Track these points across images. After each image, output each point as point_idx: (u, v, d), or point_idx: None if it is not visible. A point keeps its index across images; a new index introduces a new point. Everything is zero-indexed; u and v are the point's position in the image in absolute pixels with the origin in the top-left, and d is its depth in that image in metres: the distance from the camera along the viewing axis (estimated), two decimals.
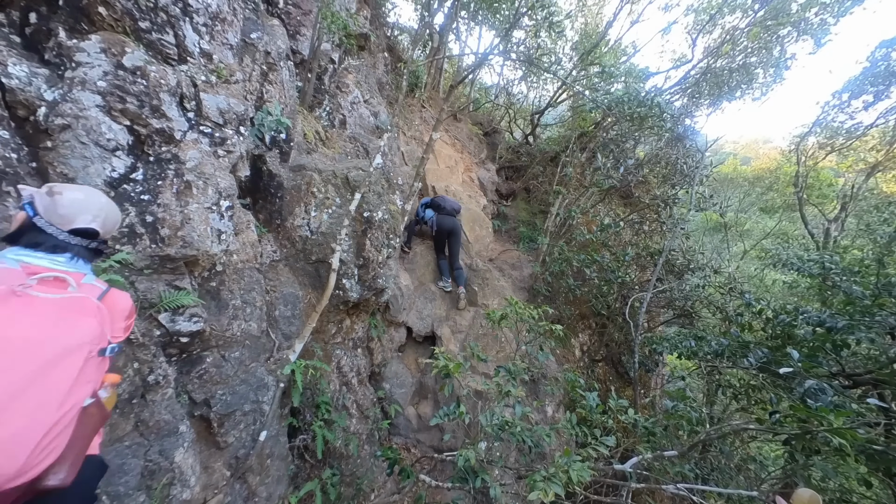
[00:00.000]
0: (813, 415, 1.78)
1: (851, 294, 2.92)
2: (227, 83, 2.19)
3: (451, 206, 4.67)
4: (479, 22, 8.14)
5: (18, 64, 1.56)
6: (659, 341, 4.26)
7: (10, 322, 0.84)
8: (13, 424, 0.77)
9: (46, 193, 1.03)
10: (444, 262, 4.66)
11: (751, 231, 12.48)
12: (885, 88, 7.63)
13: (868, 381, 2.78)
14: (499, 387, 2.33)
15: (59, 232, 1.02)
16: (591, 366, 5.72)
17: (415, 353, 4.16)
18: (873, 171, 8.98)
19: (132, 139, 1.79)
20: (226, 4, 2.20)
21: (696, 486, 2.08)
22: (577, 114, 7.96)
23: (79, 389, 0.91)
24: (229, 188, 2.11)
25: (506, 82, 9.96)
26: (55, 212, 1.03)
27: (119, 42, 1.73)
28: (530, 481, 1.68)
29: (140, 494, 1.64)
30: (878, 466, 1.88)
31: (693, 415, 2.57)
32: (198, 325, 1.96)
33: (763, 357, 2.80)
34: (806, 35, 6.72)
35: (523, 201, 7.66)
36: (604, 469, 2.34)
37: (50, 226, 1.02)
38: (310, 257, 2.89)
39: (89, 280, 1.06)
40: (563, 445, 3.45)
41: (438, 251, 4.74)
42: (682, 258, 5.71)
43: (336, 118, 4.04)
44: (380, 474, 3.09)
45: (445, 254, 4.68)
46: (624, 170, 6.15)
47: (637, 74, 7.52)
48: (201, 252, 1.92)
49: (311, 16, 3.54)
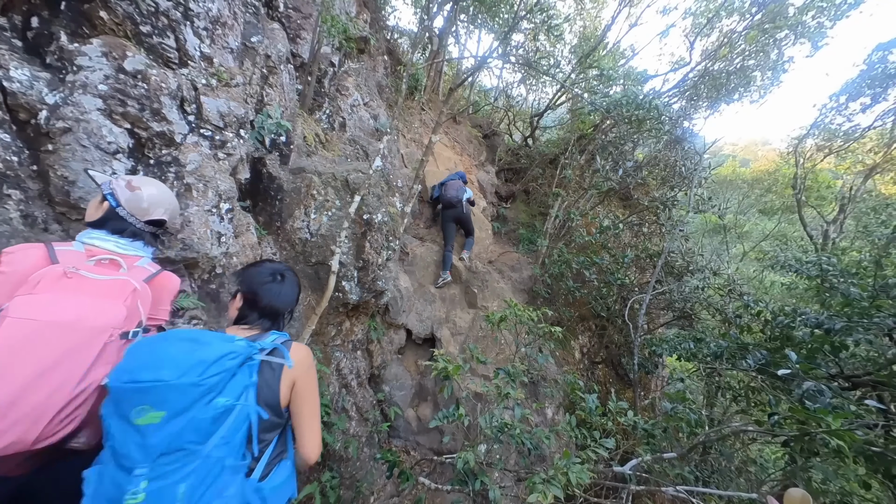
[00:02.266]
0: (812, 416, 1.78)
1: (849, 296, 2.92)
2: (227, 86, 2.20)
3: (451, 197, 4.76)
4: (478, 25, 8.17)
5: (20, 68, 1.57)
6: (658, 343, 4.26)
7: (51, 305, 0.93)
8: (36, 398, 0.87)
9: (126, 187, 1.22)
10: (449, 254, 4.70)
11: (750, 233, 12.51)
12: (883, 91, 7.67)
13: (867, 382, 2.78)
14: (498, 389, 2.32)
15: (138, 221, 1.22)
16: (591, 368, 5.71)
17: (414, 355, 4.16)
18: (871, 172, 9.01)
19: (133, 142, 1.79)
20: (226, 9, 2.21)
21: (696, 488, 2.07)
22: (576, 116, 7.98)
23: (97, 370, 0.96)
24: (229, 191, 2.12)
25: (505, 85, 10.00)
26: (138, 205, 1.22)
27: (120, 46, 1.74)
28: (530, 483, 1.68)
29: None
30: (877, 468, 1.88)
31: (693, 417, 2.57)
32: (197, 328, 1.96)
33: (762, 359, 2.81)
34: (803, 38, 6.75)
35: (523, 203, 7.67)
36: (603, 471, 2.34)
37: (131, 216, 1.20)
38: (309, 259, 2.89)
39: (144, 263, 1.19)
40: (562, 447, 3.44)
41: (446, 237, 4.85)
42: (681, 260, 5.71)
43: (336, 121, 4.06)
44: (379, 477, 3.08)
45: (452, 242, 4.79)
46: (623, 172, 6.16)
47: (635, 77, 7.57)
48: (201, 254, 1.93)
49: (311, 19, 3.56)
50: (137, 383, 0.80)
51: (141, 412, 0.79)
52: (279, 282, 1.16)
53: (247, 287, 1.14)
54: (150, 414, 0.79)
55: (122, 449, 0.80)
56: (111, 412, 0.84)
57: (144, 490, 0.76)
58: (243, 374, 0.91)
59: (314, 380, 1.08)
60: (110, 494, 0.79)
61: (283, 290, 1.15)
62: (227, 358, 0.87)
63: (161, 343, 0.90)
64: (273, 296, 1.13)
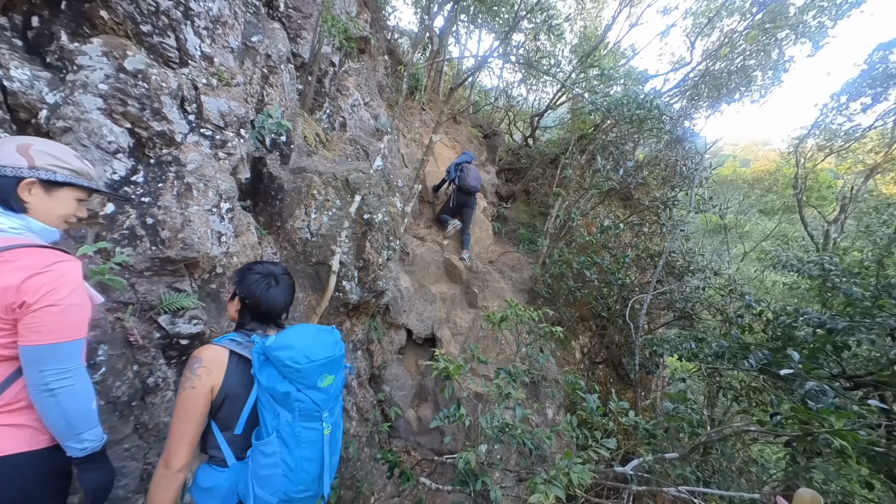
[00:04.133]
0: (814, 416, 1.78)
1: (851, 295, 2.91)
2: (227, 86, 2.20)
3: (471, 185, 4.91)
4: (478, 25, 8.17)
5: (20, 67, 1.56)
6: (659, 343, 4.26)
7: None
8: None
9: None
10: (445, 216, 5.11)
11: (750, 233, 12.49)
12: (884, 91, 7.66)
13: (869, 382, 2.77)
14: (499, 389, 2.32)
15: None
16: (592, 368, 5.71)
17: (415, 355, 4.15)
18: (872, 172, 9.00)
19: (133, 142, 1.79)
20: (227, 8, 2.21)
21: (697, 488, 2.07)
22: (577, 116, 7.98)
23: None
24: (230, 190, 2.12)
25: (505, 85, 9.99)
26: None
27: (121, 45, 1.74)
28: (531, 484, 1.67)
29: (139, 497, 1.64)
30: (879, 468, 1.87)
31: (694, 417, 2.56)
32: (198, 328, 1.96)
33: (764, 359, 2.80)
34: (804, 38, 6.75)
35: (523, 203, 7.66)
36: (605, 472, 2.33)
37: None
38: (310, 259, 2.89)
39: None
40: (563, 448, 3.44)
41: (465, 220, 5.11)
42: (682, 260, 5.70)
43: (336, 121, 4.05)
44: (380, 477, 3.08)
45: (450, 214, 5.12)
46: (623, 172, 6.15)
47: (636, 77, 7.55)
48: (202, 254, 1.92)
49: (311, 19, 3.56)
50: (316, 361, 1.15)
51: (324, 378, 1.18)
52: (274, 286, 1.29)
53: (244, 292, 1.28)
54: (328, 378, 1.19)
55: (313, 406, 1.16)
56: (297, 386, 1.14)
57: (331, 423, 1.21)
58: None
59: None
60: (310, 437, 1.16)
61: (277, 294, 1.29)
62: (339, 339, 1.28)
63: (307, 333, 1.22)
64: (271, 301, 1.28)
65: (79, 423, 1.02)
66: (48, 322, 0.95)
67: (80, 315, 1.01)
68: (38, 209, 1.06)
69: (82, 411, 1.02)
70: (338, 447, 1.27)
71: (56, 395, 0.96)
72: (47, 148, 1.06)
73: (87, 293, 1.06)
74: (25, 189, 1.02)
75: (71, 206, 1.13)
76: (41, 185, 1.04)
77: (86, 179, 1.14)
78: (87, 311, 1.04)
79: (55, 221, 1.11)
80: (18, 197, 1.02)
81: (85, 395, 1.03)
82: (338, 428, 1.27)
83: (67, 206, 1.12)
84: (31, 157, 1.02)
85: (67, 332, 0.97)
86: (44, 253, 1.00)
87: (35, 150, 1.03)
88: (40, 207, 1.06)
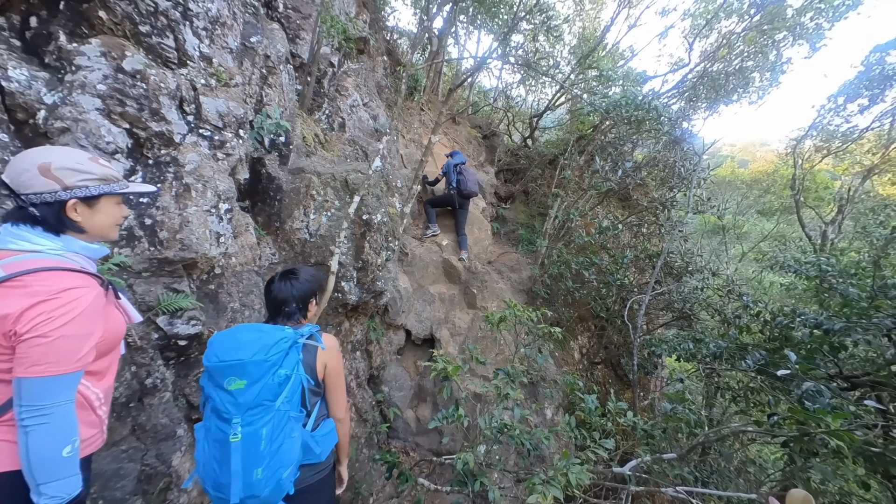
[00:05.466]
0: (811, 417, 1.79)
1: (848, 296, 2.93)
2: (226, 86, 2.20)
3: (470, 190, 4.90)
4: (477, 26, 8.19)
5: (18, 67, 1.56)
6: (658, 344, 4.27)
7: None
8: None
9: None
10: (432, 212, 5.09)
11: (748, 233, 12.53)
12: (880, 92, 7.70)
13: (866, 382, 2.78)
14: (498, 389, 2.32)
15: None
16: (591, 368, 5.71)
17: (414, 355, 4.15)
18: (869, 173, 9.05)
19: (131, 142, 1.79)
20: (226, 9, 2.21)
21: (695, 489, 2.07)
22: (576, 117, 7.99)
23: None
24: (228, 191, 2.12)
25: (504, 86, 10.00)
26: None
27: (119, 46, 1.74)
28: (529, 484, 1.67)
29: (137, 499, 1.63)
30: (876, 468, 1.88)
31: (692, 417, 2.57)
32: (196, 328, 1.95)
33: (761, 359, 2.80)
34: (801, 39, 6.78)
35: (522, 204, 7.67)
36: (603, 472, 2.33)
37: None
38: (308, 260, 2.89)
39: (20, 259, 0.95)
40: (562, 448, 3.44)
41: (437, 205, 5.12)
42: (680, 261, 5.72)
43: (335, 121, 4.05)
44: (378, 478, 3.08)
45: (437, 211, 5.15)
46: (622, 172, 6.16)
47: (634, 78, 7.58)
48: (200, 255, 1.92)
49: (310, 20, 3.56)
50: (224, 362, 1.15)
51: (230, 381, 1.14)
52: (280, 280, 1.41)
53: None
54: (236, 382, 1.13)
55: (221, 406, 1.14)
56: (209, 383, 1.20)
57: (241, 432, 1.12)
58: (294, 352, 1.23)
59: (340, 361, 1.41)
60: (218, 437, 1.15)
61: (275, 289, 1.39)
62: (282, 342, 1.20)
63: (237, 332, 1.22)
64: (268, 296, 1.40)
65: (39, 472, 0.89)
66: (32, 354, 0.89)
67: (69, 347, 0.93)
68: (90, 226, 1.06)
69: (48, 457, 0.90)
70: (261, 463, 1.12)
71: (28, 433, 0.89)
72: (66, 163, 1.01)
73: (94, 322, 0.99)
74: (72, 210, 1.01)
75: (114, 212, 1.12)
76: (83, 203, 1.03)
77: (116, 184, 1.11)
78: (83, 343, 0.96)
79: (108, 231, 1.11)
80: (69, 219, 1.01)
81: (57, 439, 0.91)
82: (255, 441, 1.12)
83: (111, 213, 1.11)
84: (58, 177, 0.98)
85: (51, 367, 0.90)
86: (62, 277, 0.96)
87: (57, 170, 0.98)
88: (90, 223, 1.06)
